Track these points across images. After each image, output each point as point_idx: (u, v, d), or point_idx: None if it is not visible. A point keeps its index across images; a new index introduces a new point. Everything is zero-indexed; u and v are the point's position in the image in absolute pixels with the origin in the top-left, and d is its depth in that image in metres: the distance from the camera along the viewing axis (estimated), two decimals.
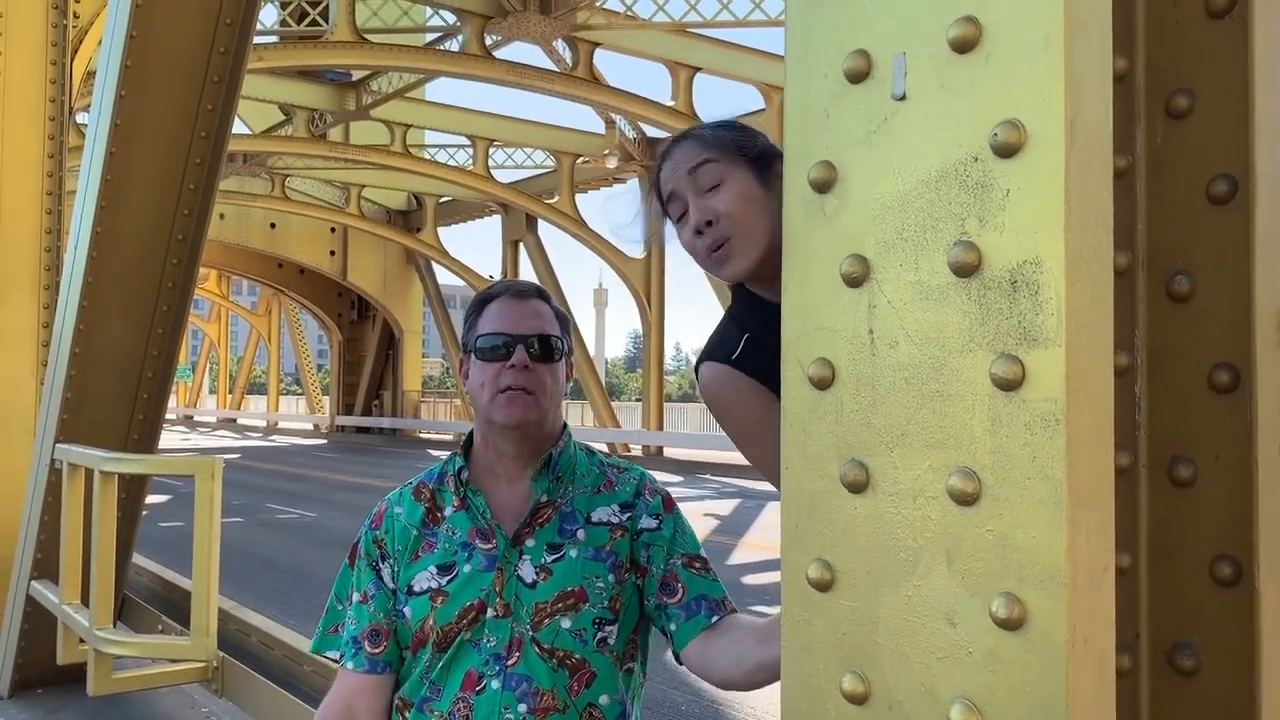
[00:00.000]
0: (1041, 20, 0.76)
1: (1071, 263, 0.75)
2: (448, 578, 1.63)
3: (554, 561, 1.62)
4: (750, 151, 1.48)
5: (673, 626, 1.64)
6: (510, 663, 1.58)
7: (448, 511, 1.69)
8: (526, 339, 1.66)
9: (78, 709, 5.26)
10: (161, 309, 5.00)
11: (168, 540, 11.27)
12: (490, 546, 1.63)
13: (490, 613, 1.60)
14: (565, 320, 1.75)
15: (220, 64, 4.56)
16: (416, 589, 1.64)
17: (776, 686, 0.97)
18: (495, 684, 1.58)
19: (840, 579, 0.86)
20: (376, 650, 1.67)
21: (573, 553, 1.63)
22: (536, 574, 1.61)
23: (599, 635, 1.61)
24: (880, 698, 0.83)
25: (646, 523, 1.69)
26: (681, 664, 1.65)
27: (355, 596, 1.71)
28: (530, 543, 1.63)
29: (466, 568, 1.63)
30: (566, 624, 1.59)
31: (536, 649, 1.58)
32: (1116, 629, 0.81)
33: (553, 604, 1.60)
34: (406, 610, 1.64)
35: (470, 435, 1.75)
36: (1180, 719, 0.96)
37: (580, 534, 1.65)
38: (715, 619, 1.62)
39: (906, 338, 0.82)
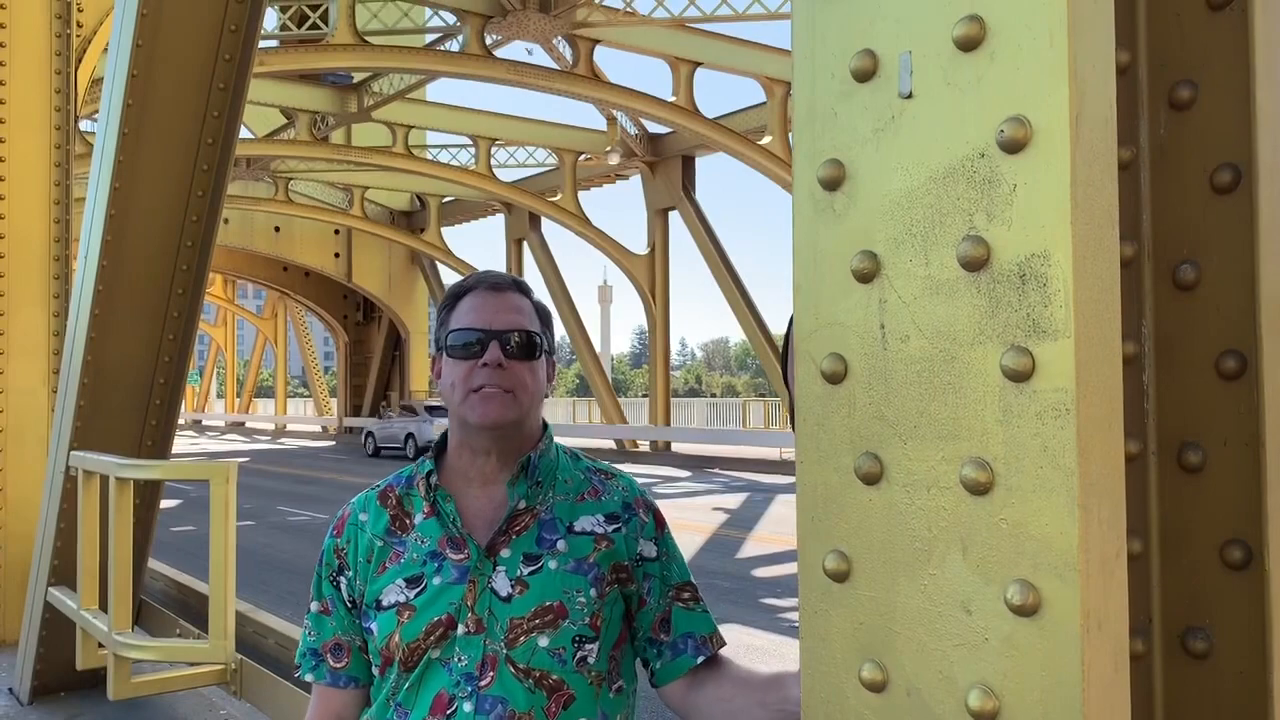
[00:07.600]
0: (1044, 17, 0.77)
1: (1079, 255, 0.76)
2: (415, 591, 1.50)
3: (531, 574, 1.50)
4: None
5: (657, 664, 1.57)
6: (484, 683, 1.46)
7: (417, 519, 1.56)
8: (502, 335, 1.53)
9: (98, 713, 5.30)
10: (172, 315, 5.03)
11: (181, 545, 11.33)
12: (462, 557, 1.51)
13: (461, 629, 1.47)
14: (546, 314, 1.63)
15: (225, 71, 4.59)
16: (384, 603, 1.52)
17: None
18: (468, 706, 1.45)
19: (857, 569, 0.87)
20: (339, 665, 1.58)
21: (551, 564, 1.51)
22: (512, 587, 1.48)
23: (579, 654, 1.49)
24: (899, 685, 0.84)
25: (645, 549, 1.59)
26: (655, 689, 1.58)
27: (314, 606, 1.62)
28: (505, 553, 1.51)
29: (435, 580, 1.50)
30: (544, 642, 1.47)
31: (512, 668, 1.46)
32: (1130, 614, 0.82)
33: (529, 620, 1.47)
34: (373, 626, 1.52)
35: (443, 437, 1.64)
36: (1194, 701, 0.98)
37: (560, 544, 1.52)
38: (701, 659, 1.55)
39: (917, 331, 0.84)
